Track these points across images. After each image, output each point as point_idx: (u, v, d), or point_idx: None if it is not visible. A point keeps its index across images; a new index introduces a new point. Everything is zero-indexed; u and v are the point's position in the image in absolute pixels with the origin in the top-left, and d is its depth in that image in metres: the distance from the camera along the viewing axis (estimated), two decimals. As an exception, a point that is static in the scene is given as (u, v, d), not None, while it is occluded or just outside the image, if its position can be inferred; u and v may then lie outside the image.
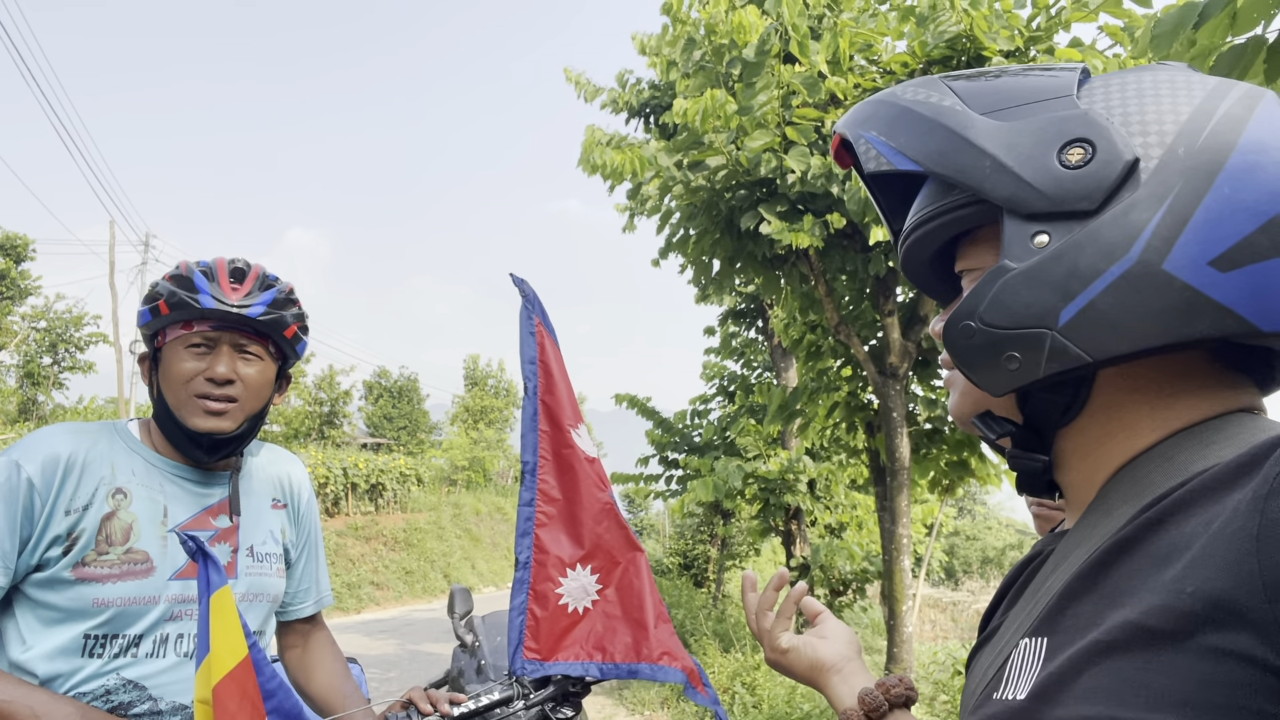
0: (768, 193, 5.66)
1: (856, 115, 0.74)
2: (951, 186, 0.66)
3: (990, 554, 37.12)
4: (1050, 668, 0.55)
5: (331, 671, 1.71)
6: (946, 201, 0.67)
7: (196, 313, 1.43)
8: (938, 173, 0.66)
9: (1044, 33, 4.97)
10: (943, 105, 0.67)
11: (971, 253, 0.70)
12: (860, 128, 0.72)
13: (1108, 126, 0.60)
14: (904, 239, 0.73)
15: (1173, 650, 0.48)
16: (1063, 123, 0.62)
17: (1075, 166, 0.60)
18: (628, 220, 7.19)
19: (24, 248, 23.51)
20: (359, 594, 18.35)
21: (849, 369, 7.29)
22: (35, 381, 23.11)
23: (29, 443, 1.40)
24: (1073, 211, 0.59)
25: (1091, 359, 0.58)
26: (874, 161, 0.69)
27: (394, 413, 35.93)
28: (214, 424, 1.45)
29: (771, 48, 5.24)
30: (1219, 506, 0.51)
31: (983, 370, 0.64)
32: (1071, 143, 0.61)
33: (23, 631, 1.37)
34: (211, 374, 1.44)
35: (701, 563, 15.14)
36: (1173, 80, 0.63)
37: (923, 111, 0.68)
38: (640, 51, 7.64)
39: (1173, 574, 0.50)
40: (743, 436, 10.59)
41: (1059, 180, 0.60)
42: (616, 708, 8.03)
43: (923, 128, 0.67)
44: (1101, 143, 0.60)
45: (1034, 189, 0.61)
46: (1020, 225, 0.61)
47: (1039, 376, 0.60)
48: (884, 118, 0.70)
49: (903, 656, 6.33)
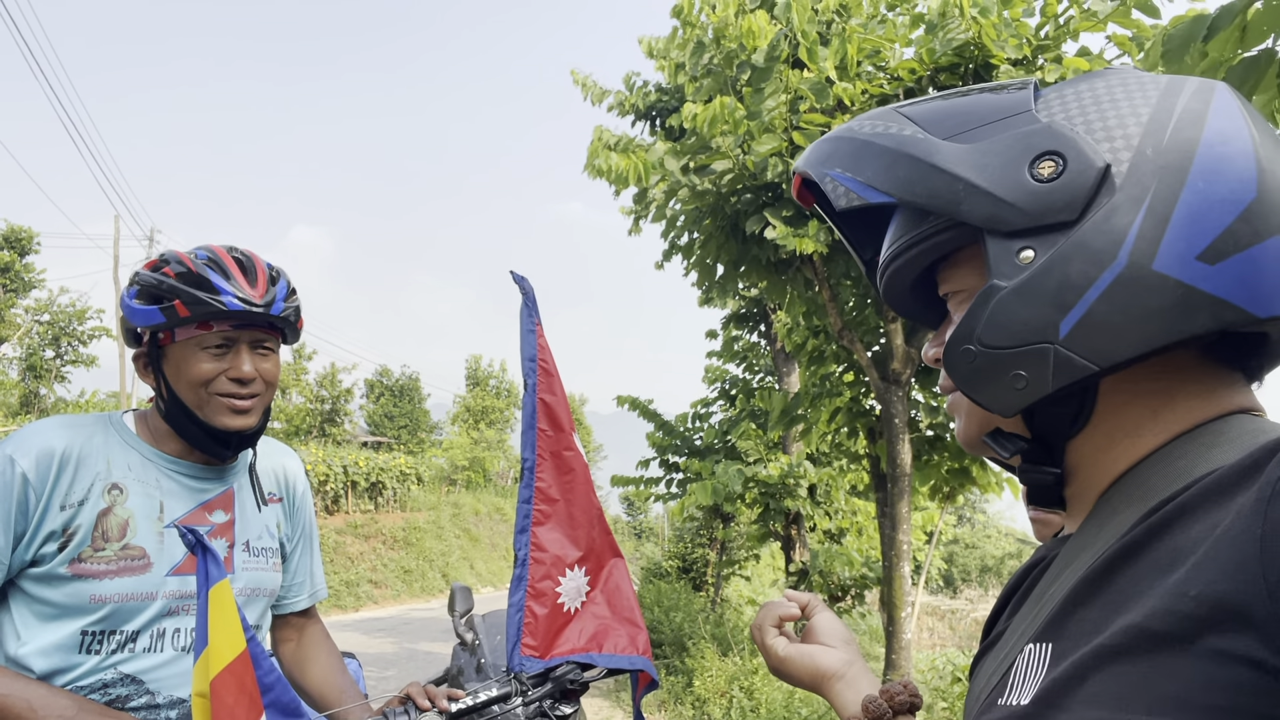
0: (773, 197, 5.66)
1: (816, 154, 0.73)
2: (925, 214, 0.66)
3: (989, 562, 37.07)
4: (1055, 673, 0.55)
5: (327, 665, 1.71)
6: (923, 229, 0.67)
7: (220, 314, 1.39)
8: (911, 202, 0.65)
9: (1052, 42, 4.97)
10: (904, 135, 0.67)
11: (953, 275, 0.70)
12: (823, 166, 0.71)
13: (1074, 136, 0.61)
14: (883, 270, 0.73)
15: (1176, 654, 0.48)
16: (1028, 138, 0.62)
17: (1049, 179, 0.60)
18: (633, 223, 7.19)
19: (28, 241, 23.57)
20: (357, 592, 18.35)
21: (851, 374, 7.28)
22: (38, 374, 23.15)
23: (23, 436, 1.38)
24: (1054, 224, 0.60)
25: (1097, 367, 0.58)
26: (844, 198, 0.68)
27: (395, 411, 35.95)
28: (240, 422, 1.45)
29: (781, 53, 5.24)
30: (1222, 511, 0.51)
31: (989, 392, 0.63)
32: (1041, 156, 0.61)
33: (19, 627, 1.36)
34: (237, 374, 1.42)
35: (700, 566, 15.11)
36: (1125, 83, 0.63)
37: (885, 143, 0.68)
38: (648, 54, 7.65)
39: (1176, 578, 0.50)
40: (744, 440, 10.57)
41: (1035, 195, 0.60)
42: (614, 710, 8.02)
43: (887, 159, 0.67)
44: (1071, 153, 0.60)
45: (1011, 206, 0.61)
46: (1003, 243, 0.61)
47: (1048, 392, 0.60)
48: (846, 153, 0.70)
49: (901, 663, 6.31)
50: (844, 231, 0.82)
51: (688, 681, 7.96)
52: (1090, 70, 4.59)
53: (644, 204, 6.42)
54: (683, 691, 7.86)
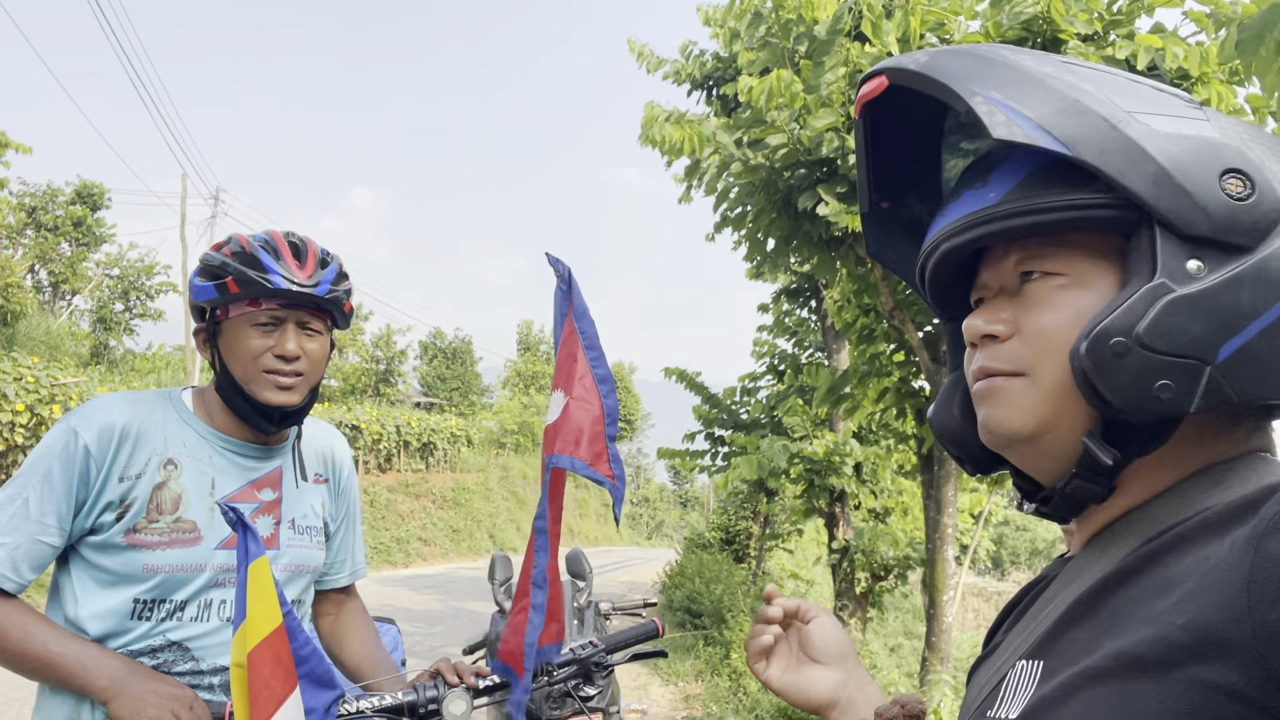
0: (827, 173, 5.56)
1: (955, 67, 0.63)
2: (1086, 180, 0.60)
3: (1040, 545, 36.53)
4: (1043, 690, 0.57)
5: (363, 640, 1.76)
6: (1082, 197, 0.60)
7: (267, 291, 1.46)
8: (1093, 165, 0.58)
9: (1125, 16, 4.78)
10: (1081, 87, 0.61)
11: (1056, 256, 0.63)
12: (972, 83, 0.62)
13: (1260, 164, 0.59)
14: (991, 220, 0.64)
15: (1160, 680, 0.49)
16: (1219, 149, 0.59)
17: (1237, 198, 0.58)
18: (684, 192, 7.14)
19: (100, 196, 24.28)
20: (407, 549, 18.81)
21: (901, 354, 7.18)
22: (108, 326, 23.97)
23: (87, 410, 1.46)
24: (1232, 244, 0.57)
25: (1237, 399, 0.57)
26: (1004, 128, 0.59)
27: (447, 374, 36.48)
28: (284, 398, 1.50)
29: (844, 25, 5.12)
30: (1217, 543, 0.52)
31: (1128, 394, 0.58)
32: (1231, 172, 0.58)
33: (77, 591, 1.44)
34: (281, 351, 1.48)
35: (743, 539, 15.14)
36: (1275, 141, 0.62)
37: (1060, 88, 0.61)
38: (705, 23, 7.55)
39: (1166, 605, 0.51)
40: (790, 416, 10.51)
41: (1225, 208, 0.57)
42: (651, 677, 8.13)
43: (1065, 105, 0.60)
44: (1260, 180, 0.58)
45: (1202, 210, 0.57)
46: (1177, 244, 0.58)
47: (1188, 410, 0.57)
48: (1007, 80, 0.62)
49: (941, 645, 6.28)
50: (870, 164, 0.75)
51: (725, 653, 8.02)
52: (1162, 48, 4.41)
53: (697, 175, 6.37)
54: (720, 663, 7.93)
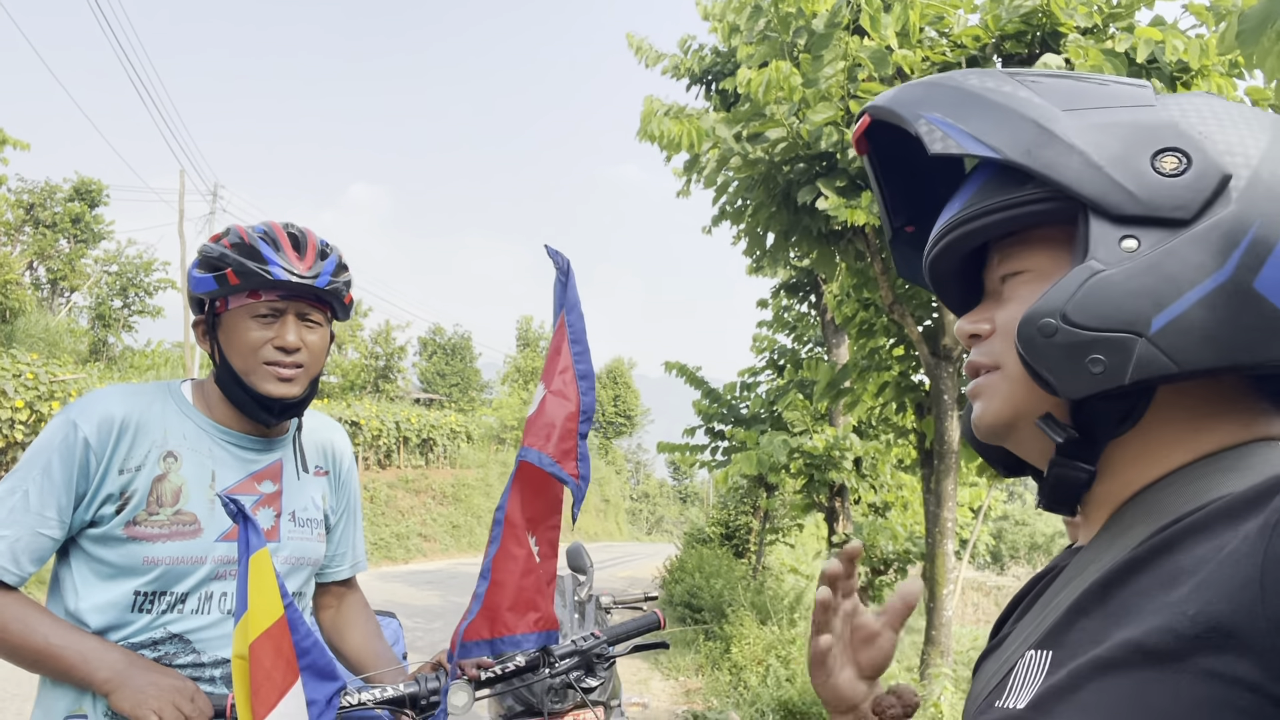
0: (827, 167, 5.56)
1: (907, 96, 0.70)
2: (1023, 180, 0.64)
3: (1039, 540, 36.55)
4: (1052, 680, 0.57)
5: (365, 632, 1.76)
6: (1017, 195, 0.65)
7: (267, 283, 1.45)
8: (1021, 164, 0.63)
9: (1124, 10, 4.77)
10: (1019, 95, 0.65)
11: (1020, 253, 0.68)
12: (918, 108, 0.68)
13: (1200, 139, 0.60)
14: (950, 230, 0.70)
15: (1171, 671, 0.49)
16: (1154, 129, 0.61)
17: (1170, 175, 0.59)
18: (683, 186, 7.13)
19: (98, 193, 24.22)
20: (407, 545, 18.82)
21: (901, 348, 7.18)
22: (106, 323, 23.94)
23: (86, 402, 1.46)
24: (1166, 219, 0.59)
25: (1178, 369, 0.58)
26: (941, 143, 0.65)
27: (447, 369, 36.47)
28: (284, 389, 1.49)
29: (843, 19, 5.11)
30: (1229, 534, 0.52)
31: (1061, 371, 0.61)
32: (1165, 150, 0.60)
33: (78, 584, 1.44)
34: (281, 342, 1.48)
35: (743, 534, 15.14)
36: (1240, 109, 0.63)
37: (996, 99, 0.66)
38: (704, 17, 7.53)
39: (1178, 596, 0.51)
40: (790, 411, 10.52)
41: (1153, 186, 0.59)
42: (651, 671, 8.15)
43: (998, 115, 0.65)
44: (1197, 155, 0.60)
45: (1127, 191, 0.60)
46: (1107, 227, 0.60)
47: (1123, 383, 0.59)
48: (948, 100, 0.67)
49: (940, 640, 6.29)
50: (884, 191, 0.80)
51: (725, 648, 8.03)
52: (1162, 41, 4.40)
53: (695, 169, 6.36)
54: (720, 657, 7.94)
